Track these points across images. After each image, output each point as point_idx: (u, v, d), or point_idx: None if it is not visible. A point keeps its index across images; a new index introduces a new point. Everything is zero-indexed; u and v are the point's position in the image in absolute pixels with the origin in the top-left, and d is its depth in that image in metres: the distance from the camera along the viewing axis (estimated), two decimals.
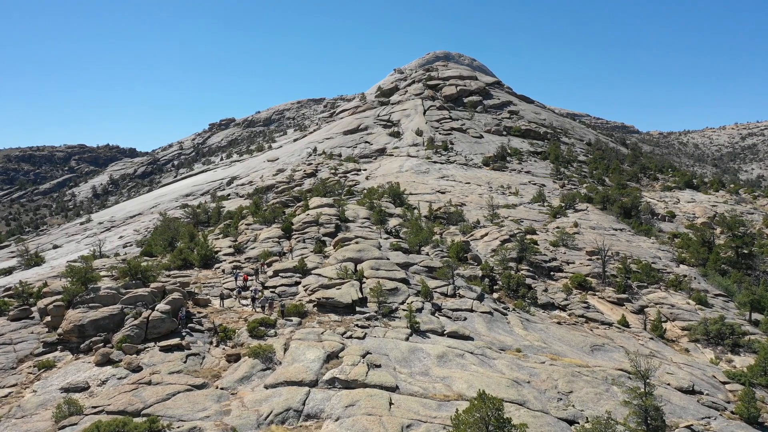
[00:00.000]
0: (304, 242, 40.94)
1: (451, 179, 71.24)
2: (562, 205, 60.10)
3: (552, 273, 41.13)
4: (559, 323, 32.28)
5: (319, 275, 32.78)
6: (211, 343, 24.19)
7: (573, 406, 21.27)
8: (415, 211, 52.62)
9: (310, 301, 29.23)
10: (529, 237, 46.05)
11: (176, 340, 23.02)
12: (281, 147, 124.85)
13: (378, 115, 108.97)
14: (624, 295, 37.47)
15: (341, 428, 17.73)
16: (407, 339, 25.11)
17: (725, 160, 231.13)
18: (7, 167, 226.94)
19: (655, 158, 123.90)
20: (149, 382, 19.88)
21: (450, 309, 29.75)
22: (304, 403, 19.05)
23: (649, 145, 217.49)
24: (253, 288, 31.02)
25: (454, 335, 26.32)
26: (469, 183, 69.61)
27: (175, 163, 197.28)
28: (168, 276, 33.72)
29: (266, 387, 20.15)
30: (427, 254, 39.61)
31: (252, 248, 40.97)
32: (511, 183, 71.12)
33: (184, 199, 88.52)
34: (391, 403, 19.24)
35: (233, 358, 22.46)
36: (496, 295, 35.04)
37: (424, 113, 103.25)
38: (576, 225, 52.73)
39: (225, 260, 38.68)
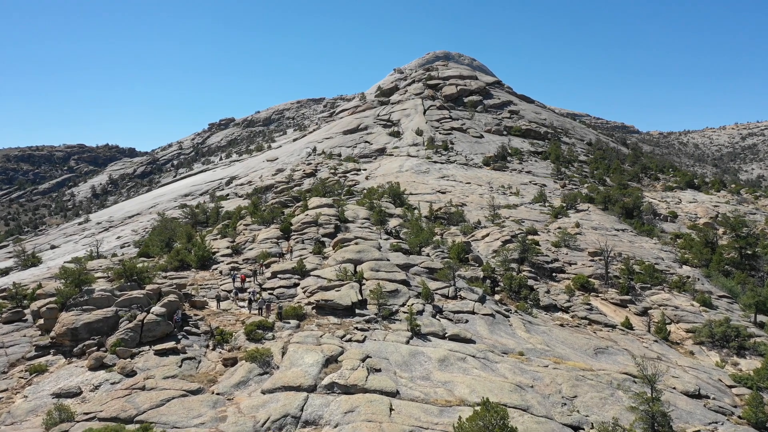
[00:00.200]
0: (303, 243, 40.44)
1: (452, 179, 70.75)
2: (564, 205, 59.62)
3: (554, 274, 40.65)
4: (561, 325, 31.79)
5: (318, 277, 32.27)
6: (207, 346, 23.66)
7: (578, 411, 20.78)
8: (416, 212, 52.12)
9: (309, 303, 28.72)
10: (530, 237, 45.58)
11: (171, 344, 22.48)
12: (281, 147, 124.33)
13: (378, 115, 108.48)
14: (627, 297, 36.99)
15: None
16: (408, 342, 24.61)
17: (725, 160, 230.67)
18: (6, 167, 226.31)
19: (655, 158, 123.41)
20: (143, 388, 19.36)
21: (451, 311, 29.25)
22: (302, 409, 18.54)
23: (649, 145, 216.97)
24: (251, 290, 30.52)
25: (455, 338, 25.81)
26: (469, 183, 69.13)
27: (175, 163, 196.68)
28: (164, 277, 33.22)
29: (263, 392, 19.64)
30: (428, 255, 39.11)
31: (250, 249, 40.46)
32: (512, 183, 70.63)
33: (182, 199, 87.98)
34: (391, 409, 18.74)
35: (230, 362, 21.94)
36: (497, 297, 34.55)
37: (424, 113, 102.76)
38: (578, 225, 52.26)
39: (223, 261, 38.17)
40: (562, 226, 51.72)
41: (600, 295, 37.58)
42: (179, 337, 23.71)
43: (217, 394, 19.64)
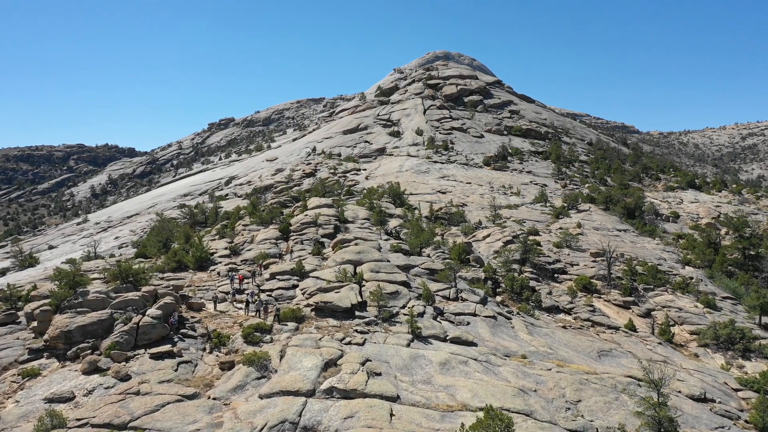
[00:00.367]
0: (302, 244, 39.97)
1: (452, 179, 70.30)
2: (565, 205, 59.17)
3: (556, 275, 40.19)
4: (564, 327, 31.35)
5: (318, 278, 31.83)
6: (204, 349, 23.22)
7: (582, 416, 20.34)
8: (416, 212, 51.67)
9: (308, 305, 28.27)
10: (531, 238, 45.10)
11: (167, 347, 22.03)
12: (280, 147, 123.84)
13: (378, 115, 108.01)
14: (630, 298, 36.52)
15: None
16: (408, 345, 24.18)
17: (725, 160, 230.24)
18: (6, 167, 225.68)
19: (656, 158, 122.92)
20: (137, 392, 18.91)
21: (452, 313, 28.80)
22: (300, 415, 18.09)
23: (649, 145, 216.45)
24: (249, 291, 30.07)
25: (457, 341, 25.37)
26: (470, 183, 68.67)
27: (174, 162, 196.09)
28: (161, 279, 32.75)
29: (261, 397, 19.20)
30: (429, 256, 38.67)
31: (248, 250, 39.98)
32: (513, 183, 70.18)
33: (181, 199, 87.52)
34: (392, 415, 18.30)
35: (227, 366, 21.50)
36: (499, 298, 34.09)
37: (424, 112, 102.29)
38: (579, 226, 51.80)
39: (221, 262, 37.71)
40: (564, 227, 51.27)
41: (602, 296, 37.13)
42: (175, 340, 23.27)
43: (214, 399, 19.19)
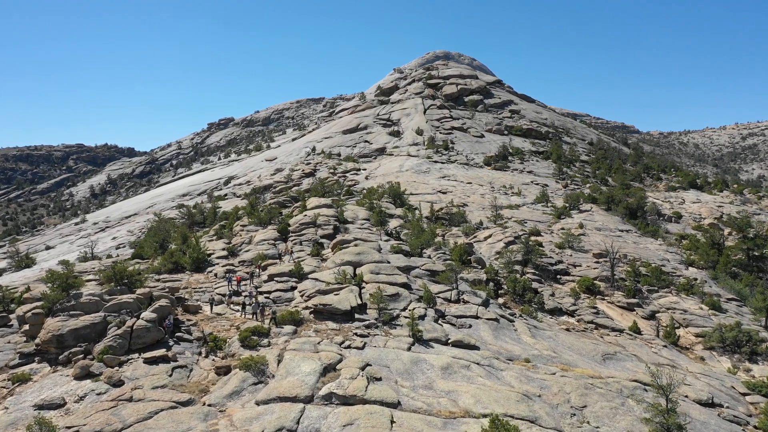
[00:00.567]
0: (301, 244, 39.40)
1: (453, 179, 69.73)
2: (566, 205, 58.60)
3: (558, 276, 39.63)
4: (567, 330, 30.78)
5: (317, 280, 31.28)
6: (199, 353, 22.65)
7: (588, 422, 19.78)
8: (416, 212, 51.09)
9: (307, 307, 27.69)
10: (533, 239, 44.54)
11: (162, 351, 21.45)
12: (280, 146, 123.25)
13: (378, 114, 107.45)
14: (634, 300, 35.96)
15: None
16: (409, 349, 23.61)
17: (726, 160, 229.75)
18: (5, 167, 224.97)
19: (656, 158, 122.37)
20: (130, 399, 18.34)
21: (454, 316, 28.24)
22: (298, 422, 17.52)
23: (649, 145, 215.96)
24: (246, 293, 29.50)
25: (458, 344, 24.81)
26: (470, 183, 68.11)
27: (174, 162, 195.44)
28: (157, 280, 32.17)
29: (257, 403, 18.63)
30: (429, 257, 38.12)
31: (246, 251, 39.41)
32: (514, 183, 69.62)
33: (180, 199, 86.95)
34: (392, 422, 17.73)
35: (223, 371, 20.94)
36: (501, 300, 33.52)
37: (424, 112, 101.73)
38: (581, 226, 51.23)
39: (218, 264, 37.15)
40: (566, 227, 50.73)
41: (606, 298, 36.57)
42: (170, 343, 22.69)
43: (209, 405, 18.62)
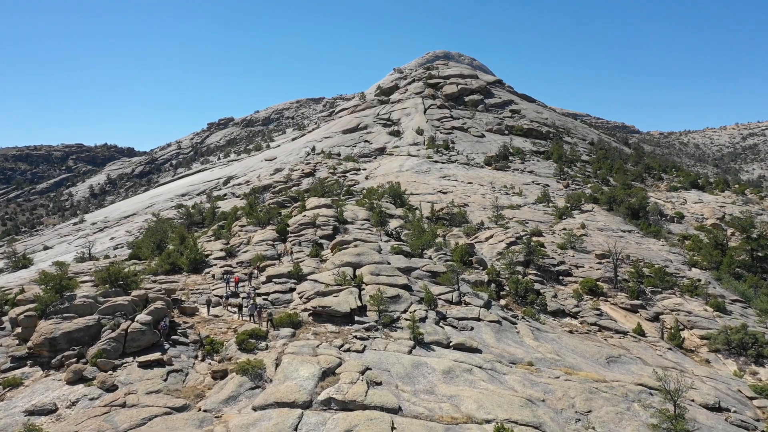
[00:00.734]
0: (300, 245, 38.90)
1: (453, 179, 69.25)
2: (568, 205, 58.13)
3: (561, 277, 39.15)
4: (571, 332, 30.31)
5: (316, 281, 30.79)
6: (196, 357, 22.15)
7: (593, 428, 19.33)
8: (417, 212, 50.60)
9: (306, 309, 27.20)
10: (535, 239, 44.06)
11: (157, 355, 20.95)
12: (279, 146, 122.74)
13: (378, 114, 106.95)
14: (638, 302, 35.47)
15: None
16: (410, 352, 23.12)
17: (726, 160, 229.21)
18: (4, 167, 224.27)
19: (657, 158, 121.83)
20: (124, 404, 17.85)
21: (455, 318, 27.77)
22: (296, 428, 17.04)
23: (649, 145, 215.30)
24: (243, 294, 29.00)
25: (460, 347, 24.34)
26: (471, 183, 67.62)
27: (173, 162, 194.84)
28: (154, 282, 31.69)
29: (254, 409, 18.14)
30: (430, 258, 37.63)
31: (245, 251, 38.91)
32: (515, 183, 69.14)
33: (179, 199, 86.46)
34: (393, 428, 17.25)
35: (219, 375, 20.44)
36: (503, 302, 33.03)
37: (424, 112, 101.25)
38: (583, 226, 50.76)
39: (216, 264, 36.66)
40: (567, 227, 50.25)
41: (609, 299, 36.08)
42: (166, 347, 22.20)
43: (205, 411, 18.13)
